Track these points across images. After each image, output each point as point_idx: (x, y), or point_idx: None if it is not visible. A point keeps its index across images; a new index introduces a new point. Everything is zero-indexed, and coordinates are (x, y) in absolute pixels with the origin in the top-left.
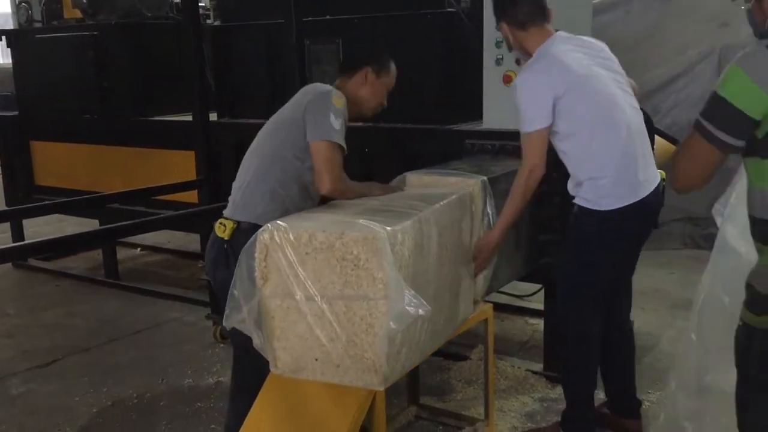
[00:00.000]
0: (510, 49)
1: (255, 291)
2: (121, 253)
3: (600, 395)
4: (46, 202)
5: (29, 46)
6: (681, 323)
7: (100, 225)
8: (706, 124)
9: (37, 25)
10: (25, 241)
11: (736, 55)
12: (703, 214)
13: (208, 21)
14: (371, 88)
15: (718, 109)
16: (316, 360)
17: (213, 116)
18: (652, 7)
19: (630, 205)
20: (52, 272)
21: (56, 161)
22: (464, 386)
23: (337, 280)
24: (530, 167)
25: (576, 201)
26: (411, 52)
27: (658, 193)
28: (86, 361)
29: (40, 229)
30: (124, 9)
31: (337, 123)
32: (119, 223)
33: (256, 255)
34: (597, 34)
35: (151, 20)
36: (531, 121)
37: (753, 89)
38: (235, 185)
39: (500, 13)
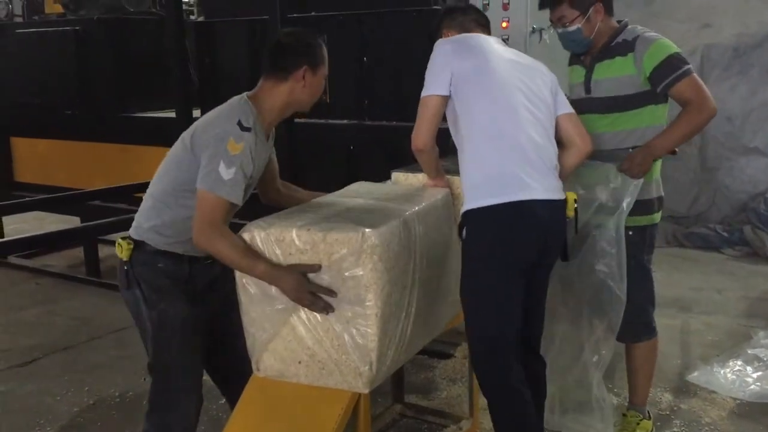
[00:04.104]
0: None
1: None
2: (103, 251)
3: None
4: (26, 199)
5: (10, 41)
6: (665, 321)
7: (81, 222)
8: (691, 67)
9: (18, 19)
10: (5, 239)
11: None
12: (685, 213)
13: (192, 17)
14: (310, 88)
15: (684, 59)
16: (300, 363)
17: (196, 113)
18: (634, 7)
19: (507, 203)
20: (33, 270)
21: (37, 158)
22: (449, 384)
23: (323, 280)
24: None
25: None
26: (396, 50)
27: (553, 208)
28: (67, 360)
29: (19, 226)
30: (106, 4)
31: (228, 173)
32: (100, 221)
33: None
34: None
35: (134, 15)
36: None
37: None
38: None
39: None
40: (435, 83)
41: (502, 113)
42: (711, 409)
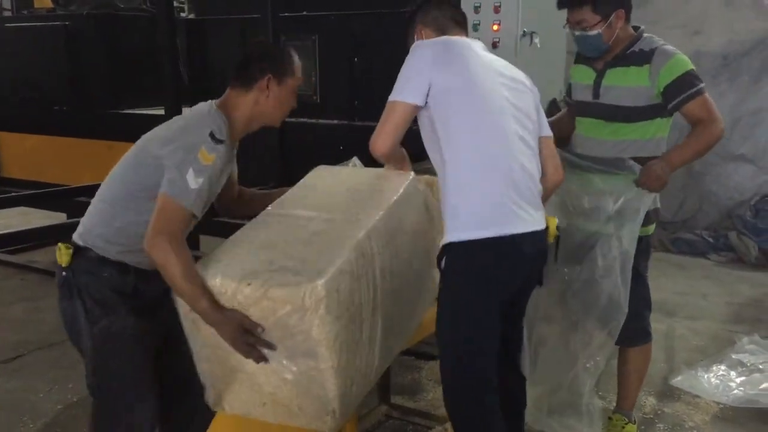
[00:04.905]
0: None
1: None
2: None
3: None
4: (13, 194)
5: None
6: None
7: (68, 218)
8: (704, 85)
9: (7, 13)
10: None
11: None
12: (672, 219)
13: (183, 14)
14: (275, 99)
15: (698, 77)
16: (264, 405)
17: (186, 110)
18: None
19: (493, 239)
20: (18, 266)
21: (24, 153)
22: (435, 386)
23: (273, 333)
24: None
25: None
26: (388, 50)
27: (538, 240)
28: (51, 357)
29: (5, 221)
30: (97, 0)
31: (196, 182)
32: None
33: (179, 305)
34: (571, 41)
35: (124, 11)
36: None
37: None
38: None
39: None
40: (408, 90)
41: (490, 135)
42: (695, 413)
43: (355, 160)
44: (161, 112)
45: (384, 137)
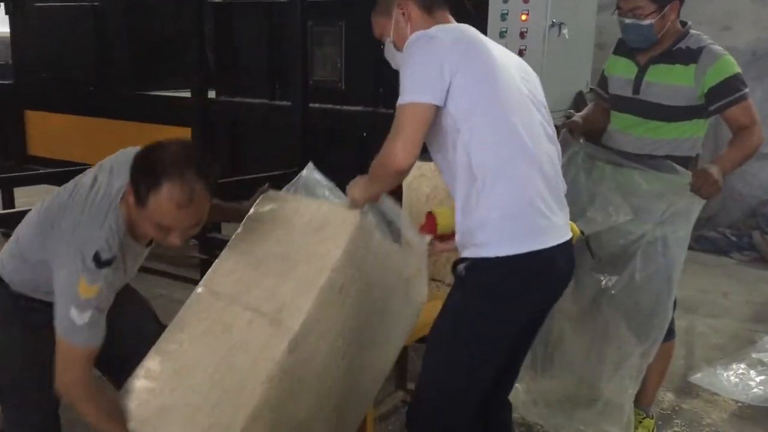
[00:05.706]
0: (384, 39)
1: None
2: None
3: None
4: (39, 171)
5: (28, 15)
6: None
7: None
8: (748, 90)
9: None
10: (15, 209)
11: (732, 56)
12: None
13: None
14: (134, 215)
15: (744, 82)
16: None
17: (212, 94)
18: None
19: (529, 253)
20: None
21: (51, 132)
22: None
23: None
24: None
25: (466, 254)
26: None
27: (568, 250)
28: None
29: (30, 199)
30: None
31: (82, 317)
32: None
33: None
34: (599, 33)
35: None
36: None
37: None
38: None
39: None
40: (429, 88)
41: (520, 126)
42: (712, 411)
43: (310, 165)
44: (187, 95)
45: (407, 148)
